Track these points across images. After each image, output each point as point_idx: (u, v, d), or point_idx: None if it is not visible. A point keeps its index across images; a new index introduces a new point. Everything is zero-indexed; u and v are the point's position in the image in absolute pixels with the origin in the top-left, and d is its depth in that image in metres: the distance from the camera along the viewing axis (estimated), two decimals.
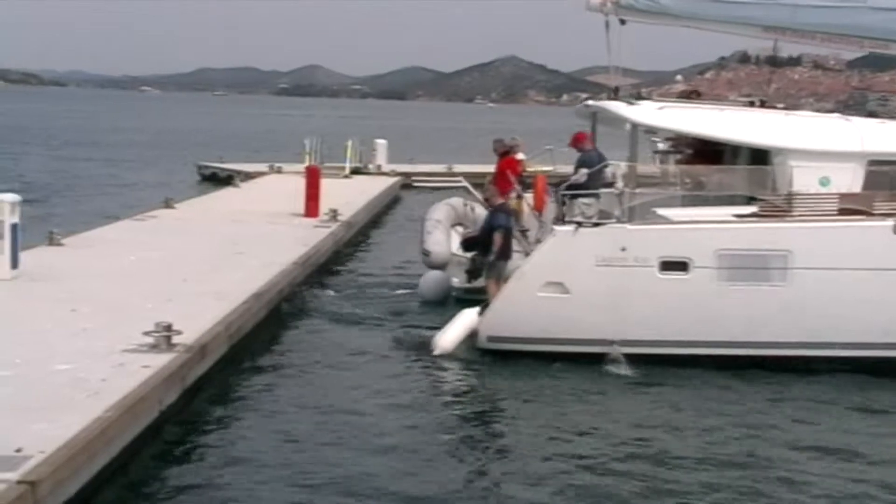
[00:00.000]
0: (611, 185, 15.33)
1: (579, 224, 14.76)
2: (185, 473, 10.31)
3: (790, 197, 14.99)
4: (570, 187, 15.40)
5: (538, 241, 15.88)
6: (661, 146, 17.73)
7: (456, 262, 18.03)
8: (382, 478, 10.31)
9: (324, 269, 21.04)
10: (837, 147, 15.47)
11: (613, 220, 14.76)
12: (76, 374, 10.85)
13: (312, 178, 26.62)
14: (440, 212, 18.90)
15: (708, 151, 16.28)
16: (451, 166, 42.35)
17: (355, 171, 39.70)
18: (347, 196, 30.31)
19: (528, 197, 18.48)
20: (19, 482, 7.87)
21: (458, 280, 18.08)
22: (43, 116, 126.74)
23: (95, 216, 28.35)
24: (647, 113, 15.75)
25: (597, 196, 15.85)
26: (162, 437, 10.92)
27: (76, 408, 9.71)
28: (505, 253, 15.85)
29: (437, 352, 14.64)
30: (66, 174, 48.06)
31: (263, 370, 13.93)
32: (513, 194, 17.66)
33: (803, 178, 15.12)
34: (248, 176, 39.35)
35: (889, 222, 14.68)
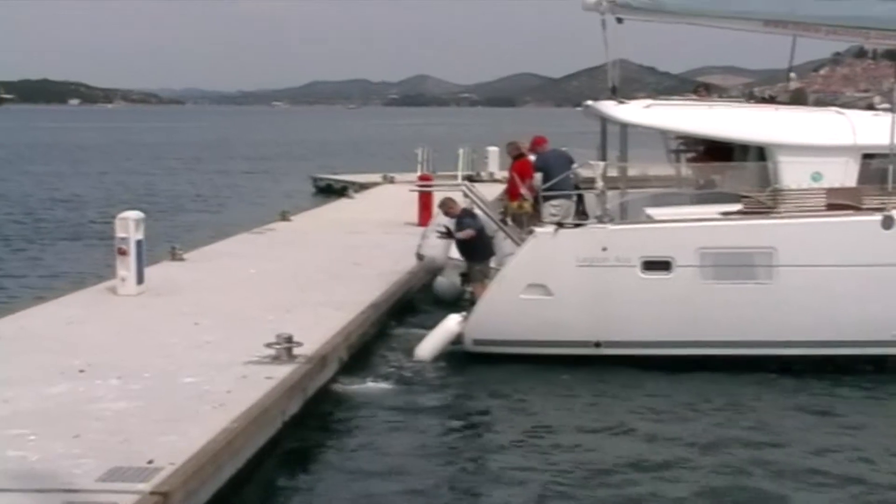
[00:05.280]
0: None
1: (559, 225, 14.60)
2: (309, 482, 10.45)
3: (775, 193, 14.64)
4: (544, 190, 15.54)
5: None
6: (672, 145, 17.44)
7: (452, 265, 17.83)
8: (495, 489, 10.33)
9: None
10: (829, 141, 14.96)
11: (594, 220, 14.57)
12: (202, 387, 11.09)
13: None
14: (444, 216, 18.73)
15: (718, 149, 15.94)
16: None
17: (468, 179, 39.68)
18: (460, 203, 30.27)
19: None
20: (152, 493, 8.05)
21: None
22: (169, 133, 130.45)
23: (215, 230, 28.98)
24: (634, 112, 15.51)
25: (568, 197, 15.81)
26: (285, 447, 11.06)
27: (203, 419, 9.92)
28: (482, 253, 15.89)
29: (416, 359, 14.58)
30: (186, 189, 49.32)
31: (383, 378, 13.99)
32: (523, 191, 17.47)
33: (794, 174, 14.70)
34: (362, 186, 39.70)
35: (878, 217, 14.21)
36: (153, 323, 14.40)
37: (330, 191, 42.44)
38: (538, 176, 16.47)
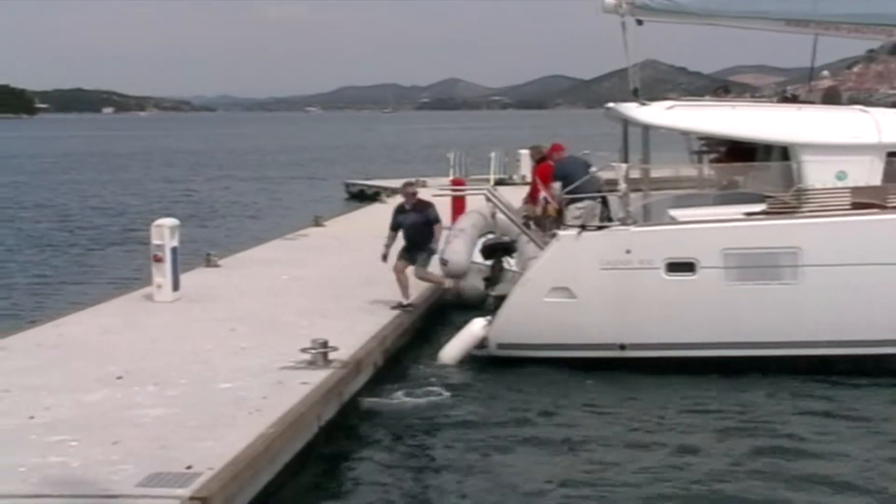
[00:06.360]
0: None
1: (583, 227, 14.56)
2: (345, 488, 10.48)
3: (799, 192, 14.52)
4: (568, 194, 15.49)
5: None
6: (695, 146, 17.32)
7: (476, 269, 17.67)
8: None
9: None
10: (853, 140, 14.80)
11: (617, 223, 14.53)
12: (238, 393, 11.15)
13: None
14: (467, 220, 18.44)
15: (741, 150, 15.86)
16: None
17: (500, 183, 39.68)
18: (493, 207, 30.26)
19: None
20: (192, 498, 8.11)
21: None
22: (203, 140, 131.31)
23: (249, 236, 29.17)
24: (656, 113, 15.43)
25: (593, 199, 15.73)
26: (322, 452, 11.11)
27: (240, 425, 9.97)
28: (420, 244, 16.09)
29: (440, 363, 14.60)
30: (221, 196, 49.66)
31: (418, 383, 14.00)
32: (541, 198, 17.37)
33: (818, 173, 14.57)
34: (395, 192, 39.69)
35: None
36: (189, 329, 14.51)
37: (363, 196, 42.59)
38: (556, 185, 16.37)
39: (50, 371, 12.15)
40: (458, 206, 26.14)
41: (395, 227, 16.24)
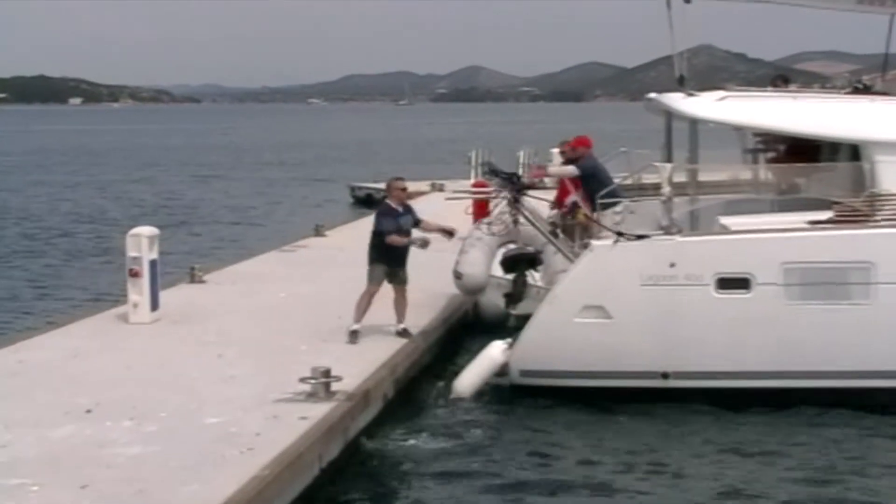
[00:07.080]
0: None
1: (620, 236, 14.48)
2: None
3: (872, 198, 14.45)
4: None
5: None
6: (750, 143, 17.29)
7: (495, 284, 17.55)
8: None
9: None
10: None
11: (660, 231, 14.47)
12: (227, 429, 11.15)
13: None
14: (487, 227, 18.14)
15: (803, 148, 15.82)
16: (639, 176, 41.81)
17: (529, 186, 39.63)
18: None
19: None
20: None
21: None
22: (187, 136, 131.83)
23: (239, 247, 29.22)
24: (705, 105, 15.45)
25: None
26: (323, 497, 11.06)
27: (229, 466, 9.97)
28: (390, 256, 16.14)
29: (455, 395, 14.56)
30: (207, 201, 49.80)
31: (432, 419, 13.98)
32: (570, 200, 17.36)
33: (895, 176, 14.47)
34: (408, 196, 39.75)
35: None
36: (170, 355, 14.52)
37: (370, 202, 42.53)
38: (572, 168, 16.33)
39: (9, 402, 12.16)
40: (480, 210, 26.12)
41: (397, 231, 16.07)
